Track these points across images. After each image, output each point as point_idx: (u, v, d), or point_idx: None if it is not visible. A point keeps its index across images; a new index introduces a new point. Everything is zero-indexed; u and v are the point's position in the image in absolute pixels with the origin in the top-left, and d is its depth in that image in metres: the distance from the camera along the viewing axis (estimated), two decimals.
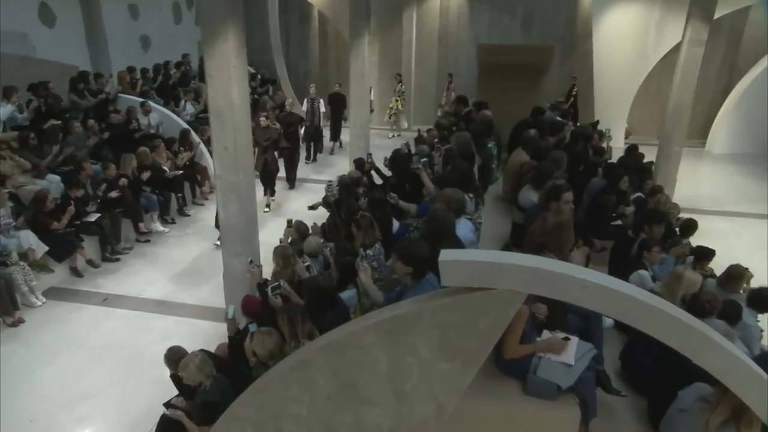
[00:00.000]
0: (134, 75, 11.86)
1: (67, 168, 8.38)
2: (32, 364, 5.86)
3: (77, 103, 10.07)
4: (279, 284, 4.44)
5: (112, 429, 5.05)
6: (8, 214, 7.06)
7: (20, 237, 6.96)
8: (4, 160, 7.66)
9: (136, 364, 5.93)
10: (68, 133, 8.96)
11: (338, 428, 3.29)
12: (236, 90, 5.56)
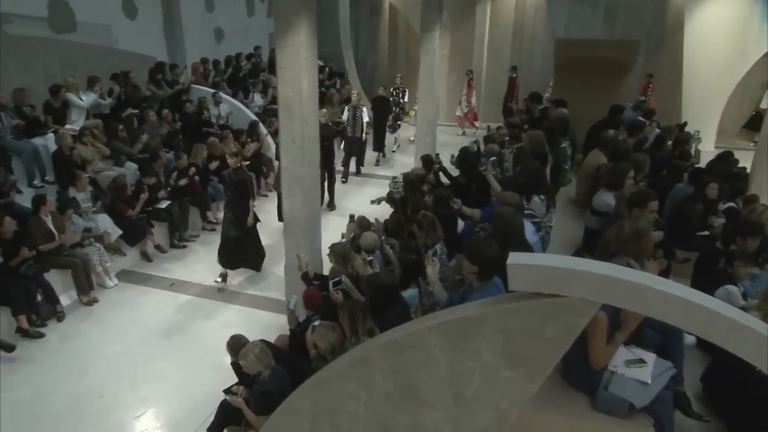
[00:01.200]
0: (207, 66, 12.37)
1: (142, 156, 8.84)
2: (104, 342, 6.24)
3: (155, 93, 10.62)
4: (340, 279, 4.50)
5: (173, 411, 5.28)
6: (88, 198, 7.57)
7: (97, 220, 7.45)
8: (86, 146, 8.18)
9: (198, 350, 6.20)
10: (144, 121, 9.47)
11: (395, 429, 3.30)
12: (306, 82, 5.68)
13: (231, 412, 4.23)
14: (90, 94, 9.20)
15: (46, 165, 8.23)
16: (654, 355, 3.35)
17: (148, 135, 9.17)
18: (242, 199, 7.17)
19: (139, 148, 8.97)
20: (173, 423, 5.12)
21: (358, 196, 10.80)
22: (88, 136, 8.30)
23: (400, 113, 14.01)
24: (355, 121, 11.27)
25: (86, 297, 6.95)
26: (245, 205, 7.21)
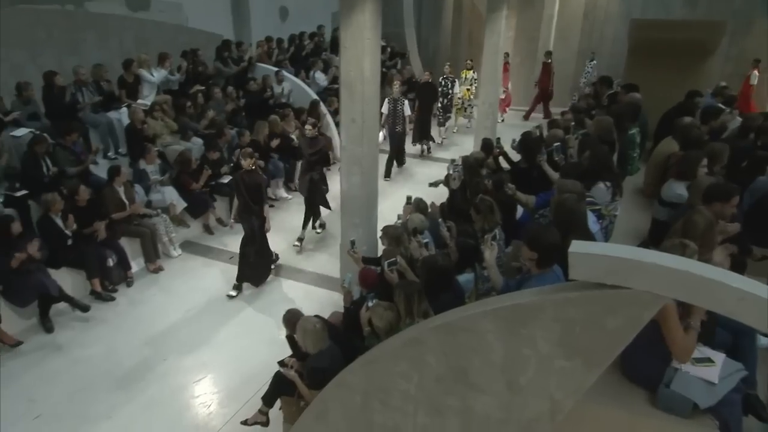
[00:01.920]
0: (271, 45, 12.56)
1: (208, 132, 9.12)
2: (168, 308, 6.55)
3: (221, 71, 10.90)
4: (395, 260, 4.52)
5: (229, 378, 5.49)
6: (156, 170, 7.89)
7: (164, 192, 7.76)
8: (156, 120, 8.52)
9: (254, 322, 6.42)
10: (209, 98, 9.74)
11: (445, 411, 3.31)
12: (368, 62, 5.67)
13: (285, 384, 4.35)
14: (160, 70, 9.54)
15: (119, 138, 8.64)
16: (723, 354, 3.20)
17: (213, 111, 9.43)
18: (255, 206, 6.55)
19: (204, 124, 9.26)
20: (230, 389, 5.33)
21: (416, 177, 10.76)
22: (158, 111, 8.64)
23: (449, 105, 13.13)
24: (395, 115, 10.32)
25: (153, 265, 7.31)
26: (258, 212, 6.60)
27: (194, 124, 9.20)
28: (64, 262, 6.39)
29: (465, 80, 13.62)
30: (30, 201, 6.72)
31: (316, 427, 3.98)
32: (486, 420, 3.15)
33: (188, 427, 4.96)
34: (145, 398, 5.24)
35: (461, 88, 13.33)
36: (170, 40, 10.85)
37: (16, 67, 8.92)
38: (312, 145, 7.66)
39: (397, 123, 10.34)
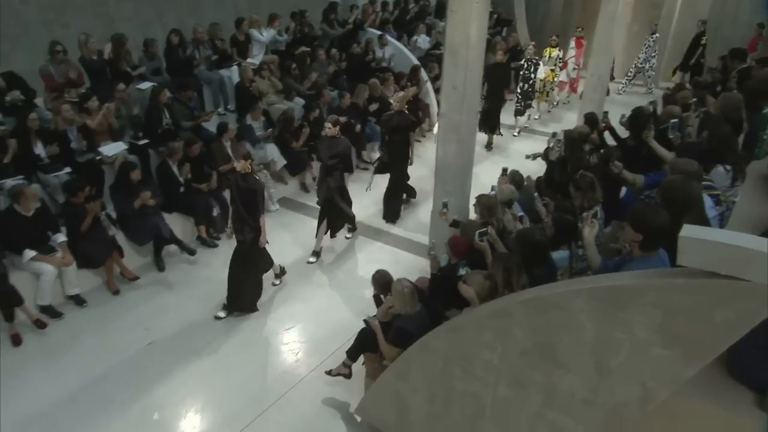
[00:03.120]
0: (375, 8, 12.49)
1: (309, 93, 9.31)
2: None
3: (327, 32, 11.04)
4: (486, 230, 4.45)
5: (318, 329, 5.72)
6: (261, 127, 8.19)
7: (267, 149, 8.06)
8: (264, 80, 8.81)
9: (343, 278, 6.61)
10: (314, 59, 9.91)
11: (528, 385, 3.26)
12: (475, 27, 5.50)
13: (369, 340, 4.46)
14: (270, 30, 9.80)
15: (229, 94, 9.04)
16: None
17: (316, 73, 9.60)
18: (248, 215, 5.54)
19: (307, 85, 9.45)
20: (316, 340, 5.56)
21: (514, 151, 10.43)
22: (265, 71, 8.92)
23: (530, 91, 10.93)
24: None
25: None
26: (252, 223, 5.59)
27: (297, 84, 9.42)
28: (176, 207, 6.87)
29: (549, 60, 11.53)
30: (149, 149, 7.25)
31: (396, 385, 4.07)
32: (570, 398, 3.08)
33: (277, 369, 5.25)
34: (241, 339, 5.60)
35: (544, 69, 11.28)
36: (280, 1, 11.08)
37: (144, 24, 9.53)
38: (331, 147, 6.45)
39: None
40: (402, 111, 7.33)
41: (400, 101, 7.36)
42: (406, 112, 7.44)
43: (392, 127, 7.37)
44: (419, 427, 4.07)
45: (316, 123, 8.66)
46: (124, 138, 7.17)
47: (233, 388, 4.97)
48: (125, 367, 5.22)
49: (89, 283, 6.19)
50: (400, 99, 7.40)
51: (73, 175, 6.28)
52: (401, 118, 7.28)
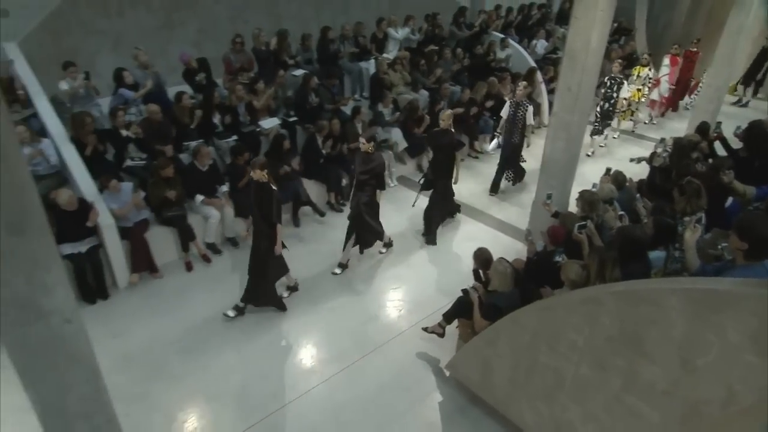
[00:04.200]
0: (499, 13, 12.07)
1: (434, 86, 9.28)
2: None
3: (455, 34, 10.88)
4: (585, 224, 4.25)
5: (419, 292, 5.81)
6: (389, 113, 8.31)
7: (392, 132, 8.18)
8: (396, 72, 8.91)
9: (444, 251, 6.62)
10: (440, 57, 9.83)
11: (609, 369, 3.12)
12: (596, 34, 5.15)
13: (465, 308, 4.46)
14: (405, 29, 9.84)
15: (365, 84, 9.25)
16: None
17: (441, 69, 9.53)
18: (263, 223, 4.95)
19: (432, 79, 9.41)
20: (417, 301, 5.64)
21: (618, 154, 9.74)
22: (398, 65, 9.00)
23: (610, 111, 9.28)
24: (514, 122, 7.52)
25: None
26: (267, 231, 4.99)
27: (424, 78, 9.41)
28: (314, 175, 7.22)
29: (636, 79, 10.06)
30: (297, 125, 7.66)
31: (485, 350, 4.06)
32: (650, 388, 2.90)
33: (382, 321, 5.41)
34: (354, 291, 5.84)
35: (630, 88, 9.70)
36: (418, 4, 11.07)
37: (304, 22, 9.98)
38: (365, 162, 5.72)
39: (514, 132, 7.59)
40: (448, 129, 6.34)
41: (446, 119, 6.31)
42: (452, 131, 6.46)
43: (437, 144, 6.50)
44: (501, 388, 4.04)
45: (438, 114, 8.64)
46: (278, 114, 7.62)
47: (344, 332, 5.21)
48: None
49: (241, 230, 6.71)
50: (446, 117, 6.33)
51: (238, 142, 6.82)
52: (446, 136, 6.36)
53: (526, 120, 7.46)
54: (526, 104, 7.48)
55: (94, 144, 5.92)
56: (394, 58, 9.24)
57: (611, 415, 3.20)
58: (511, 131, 7.64)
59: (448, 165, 6.58)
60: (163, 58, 7.91)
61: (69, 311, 2.59)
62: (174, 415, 4.27)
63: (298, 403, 4.39)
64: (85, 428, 2.89)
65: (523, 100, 7.48)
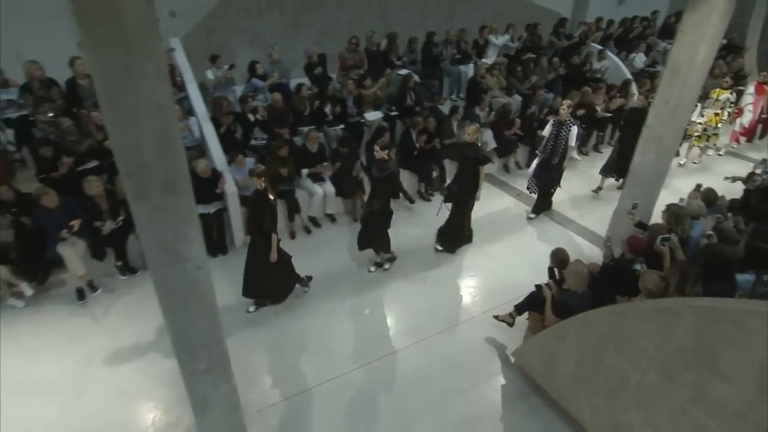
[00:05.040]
0: (600, 24, 11.25)
1: (528, 92, 8.91)
2: None
3: (554, 43, 10.32)
4: (669, 237, 3.90)
5: (494, 281, 5.69)
6: (484, 115, 8.10)
7: (484, 133, 7.97)
8: (492, 77, 8.66)
9: (521, 247, 6.40)
10: (536, 65, 9.39)
11: (678, 380, 2.87)
12: (704, 48, 4.64)
13: (537, 302, 4.31)
14: (505, 36, 9.50)
15: (462, 86, 9.10)
16: None
17: (536, 77, 9.11)
18: (259, 231, 4.64)
19: (527, 85, 9.04)
20: (491, 291, 5.54)
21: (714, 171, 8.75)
22: (495, 70, 8.74)
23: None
24: (556, 142, 6.46)
25: None
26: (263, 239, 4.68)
27: (519, 84, 9.07)
28: (407, 166, 7.26)
29: (715, 102, 8.47)
30: (397, 120, 7.73)
31: (552, 345, 3.90)
32: (721, 406, 2.64)
33: (457, 304, 5.39)
34: (436, 274, 5.82)
35: (706, 111, 8.50)
36: (520, 14, 10.64)
37: (412, 26, 10.00)
38: (380, 169, 5.17)
39: (555, 153, 6.51)
40: (473, 144, 5.65)
41: (472, 133, 5.63)
42: (478, 145, 5.74)
43: (461, 158, 5.87)
44: (563, 382, 3.87)
45: (530, 118, 8.32)
46: (381, 109, 7.74)
47: (421, 309, 5.24)
48: (353, 272, 5.82)
49: (339, 208, 6.94)
50: (472, 131, 5.62)
51: (344, 131, 7.04)
52: (471, 150, 5.65)
53: (569, 141, 6.39)
54: (570, 124, 6.37)
55: (228, 124, 6.41)
56: (492, 63, 8.98)
57: (674, 425, 2.96)
58: (552, 152, 6.53)
59: (471, 179, 5.74)
60: (289, 53, 8.32)
61: (200, 260, 2.86)
62: (267, 358, 4.58)
63: (372, 366, 4.50)
64: (204, 356, 3.20)
65: (568, 119, 6.38)
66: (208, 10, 8.45)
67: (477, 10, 10.73)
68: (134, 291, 5.35)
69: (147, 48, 2.22)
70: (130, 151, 2.40)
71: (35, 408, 4.04)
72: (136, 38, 2.16)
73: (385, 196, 5.25)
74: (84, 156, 5.73)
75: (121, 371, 4.39)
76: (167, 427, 3.89)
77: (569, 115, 6.39)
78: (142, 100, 2.29)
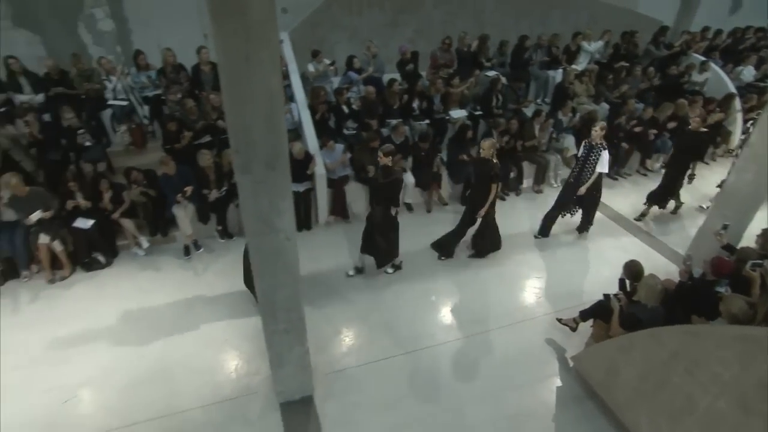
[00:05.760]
0: (705, 35, 10.10)
1: (616, 101, 8.28)
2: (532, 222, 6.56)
3: (651, 53, 9.45)
4: (762, 263, 3.47)
5: (558, 286, 5.40)
6: (568, 120, 7.65)
7: (565, 139, 7.56)
8: (581, 84, 8.14)
9: (592, 254, 6.04)
10: (629, 74, 8.67)
11: (753, 413, 2.58)
12: None
13: (604, 312, 4.06)
14: (598, 42, 8.88)
15: (548, 91, 8.66)
16: None
17: (627, 86, 8.41)
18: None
19: (616, 94, 8.39)
20: (555, 293, 5.29)
21: None
22: (585, 77, 8.22)
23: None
24: (584, 166, 5.71)
25: (537, 186, 7.44)
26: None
27: (608, 92, 8.44)
28: None
29: None
30: (480, 119, 7.55)
31: (616, 355, 3.66)
32: None
33: (520, 302, 5.19)
34: (500, 271, 5.65)
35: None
36: (618, 20, 9.87)
37: (505, 29, 9.68)
38: (384, 176, 4.83)
39: (583, 176, 5.76)
40: (488, 160, 5.11)
41: (487, 149, 5.09)
42: (494, 161, 5.13)
43: (476, 173, 5.43)
44: (623, 393, 3.63)
45: (616, 128, 7.73)
46: (466, 107, 7.59)
47: (489, 302, 5.13)
48: (426, 258, 5.80)
49: (416, 199, 6.93)
50: (487, 147, 5.09)
51: (429, 126, 7.01)
52: (485, 166, 5.16)
53: (597, 167, 5.61)
54: (600, 148, 5.54)
55: (323, 112, 6.65)
56: (582, 70, 8.43)
57: None
58: (580, 174, 5.78)
59: (483, 195, 5.29)
60: (384, 50, 8.41)
61: (290, 232, 3.03)
62: (339, 329, 4.75)
63: (434, 350, 4.51)
64: (284, 318, 3.40)
65: (600, 143, 5.53)
66: (315, 7, 8.78)
67: (572, 15, 10.12)
68: (230, 254, 5.78)
69: (265, 40, 2.36)
70: (242, 130, 2.58)
71: (146, 337, 4.55)
72: (257, 31, 2.31)
73: (387, 204, 4.95)
74: (200, 132, 6.25)
75: (213, 321, 4.79)
76: (247, 375, 4.19)
77: (601, 138, 5.54)
78: (256, 86, 2.44)
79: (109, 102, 6.49)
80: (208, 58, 6.80)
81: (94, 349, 4.43)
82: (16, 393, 3.98)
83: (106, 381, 4.12)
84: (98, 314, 4.79)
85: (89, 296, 5.07)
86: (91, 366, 4.25)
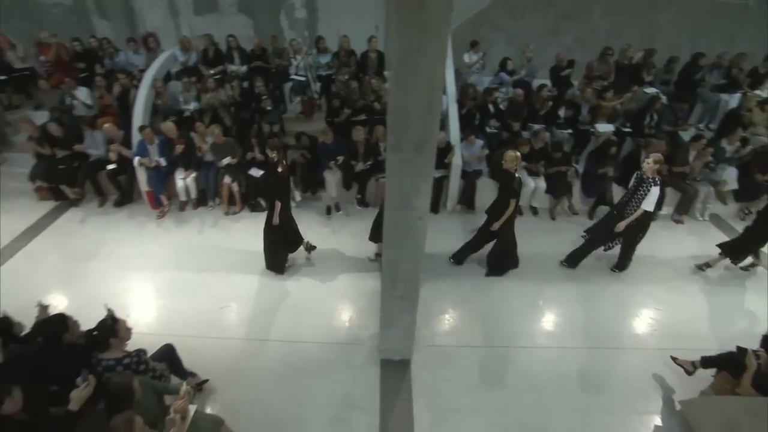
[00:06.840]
0: None
1: None
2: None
3: None
4: None
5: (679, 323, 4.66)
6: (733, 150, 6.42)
7: (726, 171, 6.37)
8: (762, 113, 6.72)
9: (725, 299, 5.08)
10: None
11: None
12: None
13: (734, 365, 3.44)
14: None
15: (716, 116, 7.32)
16: None
17: None
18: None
19: None
20: (674, 330, 4.57)
21: None
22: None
23: None
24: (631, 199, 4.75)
25: (677, 216, 6.41)
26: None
27: None
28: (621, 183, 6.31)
29: None
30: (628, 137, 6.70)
31: (740, 417, 3.12)
32: None
33: (632, 328, 4.63)
34: (622, 295, 5.06)
35: None
36: None
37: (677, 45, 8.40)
38: None
39: (627, 208, 4.78)
40: (510, 173, 4.57)
41: (509, 161, 4.56)
42: (515, 176, 4.58)
43: (500, 184, 4.90)
44: None
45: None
46: (615, 123, 6.83)
47: (594, 320, 4.68)
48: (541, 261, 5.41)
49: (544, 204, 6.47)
50: (509, 159, 4.56)
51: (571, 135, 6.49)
52: (505, 177, 4.65)
53: (643, 203, 4.62)
54: (650, 183, 4.57)
55: (470, 108, 6.59)
56: (767, 97, 6.92)
57: None
58: (625, 206, 4.83)
59: (498, 208, 4.78)
60: (541, 56, 7.94)
61: (423, 211, 3.11)
62: (445, 308, 4.79)
63: (530, 351, 4.30)
64: (401, 287, 3.53)
65: (650, 176, 4.57)
66: (479, 9, 8.62)
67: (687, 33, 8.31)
68: (363, 220, 6.12)
69: (437, 33, 2.41)
70: (400, 113, 2.69)
71: (286, 274, 5.17)
72: (432, 25, 2.37)
73: None
74: (358, 110, 6.71)
75: (339, 274, 5.21)
76: (359, 328, 4.50)
77: (654, 172, 4.58)
78: (421, 74, 2.52)
79: (291, 76, 7.32)
80: (376, 46, 7.21)
81: (247, 272, 5.18)
82: (192, 292, 4.87)
83: (252, 301, 4.79)
84: (255, 247, 5.52)
85: (251, 230, 5.85)
86: (243, 285, 4.99)
